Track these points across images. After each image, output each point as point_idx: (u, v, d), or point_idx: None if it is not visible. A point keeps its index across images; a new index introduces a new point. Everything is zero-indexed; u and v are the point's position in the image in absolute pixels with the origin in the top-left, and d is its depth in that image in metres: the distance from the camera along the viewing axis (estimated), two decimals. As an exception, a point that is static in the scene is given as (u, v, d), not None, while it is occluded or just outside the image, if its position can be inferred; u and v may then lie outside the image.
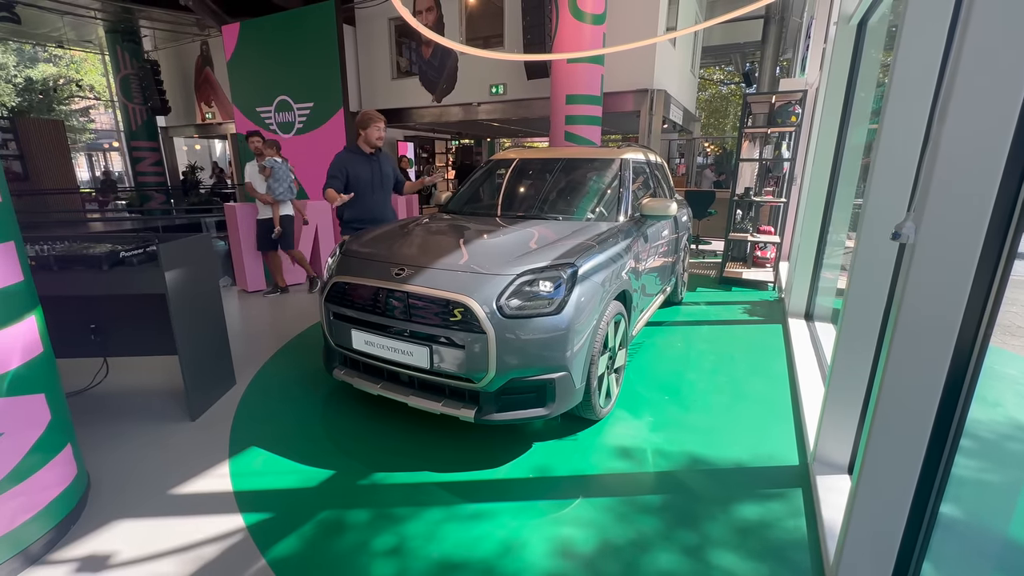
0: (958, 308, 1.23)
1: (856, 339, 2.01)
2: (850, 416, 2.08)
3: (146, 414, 2.70)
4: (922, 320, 1.27)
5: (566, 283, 2.18)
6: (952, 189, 1.18)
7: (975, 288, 1.20)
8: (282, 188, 5.01)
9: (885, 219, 1.86)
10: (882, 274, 1.91)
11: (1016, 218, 1.14)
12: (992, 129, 1.13)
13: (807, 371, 3.17)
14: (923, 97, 1.74)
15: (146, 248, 2.58)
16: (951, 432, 1.31)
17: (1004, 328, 3.14)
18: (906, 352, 1.30)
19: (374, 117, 3.43)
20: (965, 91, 1.13)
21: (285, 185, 5.05)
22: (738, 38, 12.49)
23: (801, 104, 5.23)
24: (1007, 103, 1.11)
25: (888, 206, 1.84)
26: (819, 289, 4.29)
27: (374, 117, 3.43)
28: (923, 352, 1.28)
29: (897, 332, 1.30)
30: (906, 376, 1.32)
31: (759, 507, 1.97)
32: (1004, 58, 1.09)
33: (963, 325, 1.23)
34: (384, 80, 9.85)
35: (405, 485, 2.11)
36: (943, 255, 1.22)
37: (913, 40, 1.72)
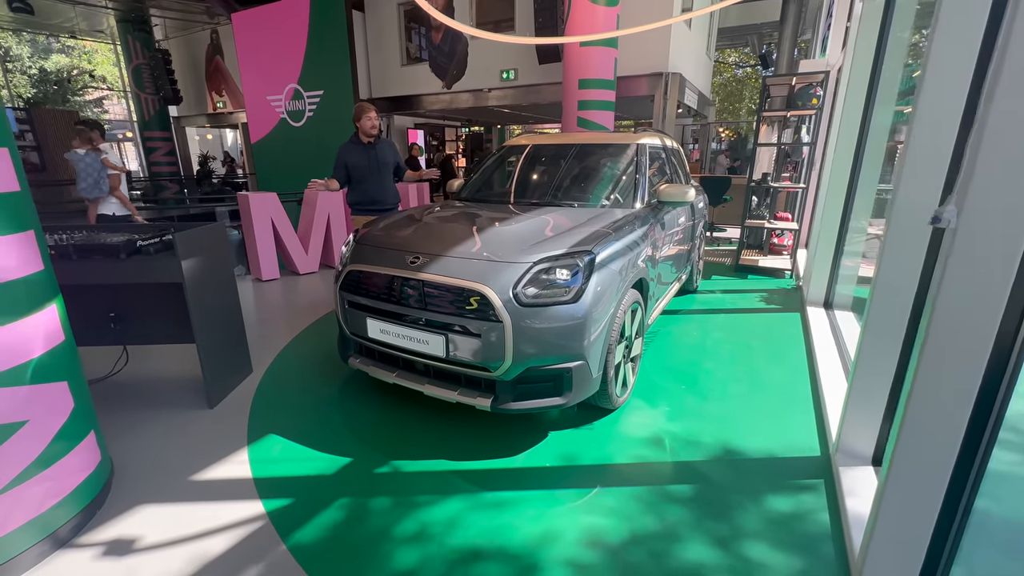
0: (1001, 296, 1.17)
1: (883, 328, 1.95)
2: (875, 407, 2.03)
3: (166, 402, 2.74)
4: (961, 309, 1.21)
5: (583, 271, 2.14)
6: (999, 172, 1.12)
7: (1020, 276, 1.15)
8: (86, 184, 4.32)
9: (917, 204, 1.79)
10: (912, 261, 1.84)
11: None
12: (1045, 106, 1.06)
13: (827, 360, 3.11)
14: (962, 74, 1.65)
15: (163, 237, 2.59)
16: (989, 425, 1.26)
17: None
18: (943, 341, 1.25)
19: (364, 108, 3.61)
20: (1018, 66, 1.07)
21: (90, 180, 4.38)
22: (755, 19, 12.13)
23: (823, 86, 5.06)
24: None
25: (921, 190, 1.77)
26: (839, 277, 4.20)
27: (364, 108, 3.61)
28: (961, 342, 1.23)
29: (934, 321, 1.25)
30: (942, 366, 1.27)
31: (783, 498, 1.95)
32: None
33: (1006, 314, 1.18)
34: (394, 67, 9.76)
35: (423, 473, 2.12)
36: (987, 241, 1.16)
37: (952, 14, 1.63)
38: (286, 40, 9.56)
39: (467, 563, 1.65)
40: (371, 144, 3.67)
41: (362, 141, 3.66)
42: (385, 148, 3.72)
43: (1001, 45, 1.10)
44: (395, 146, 3.89)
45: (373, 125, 3.62)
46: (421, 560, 1.66)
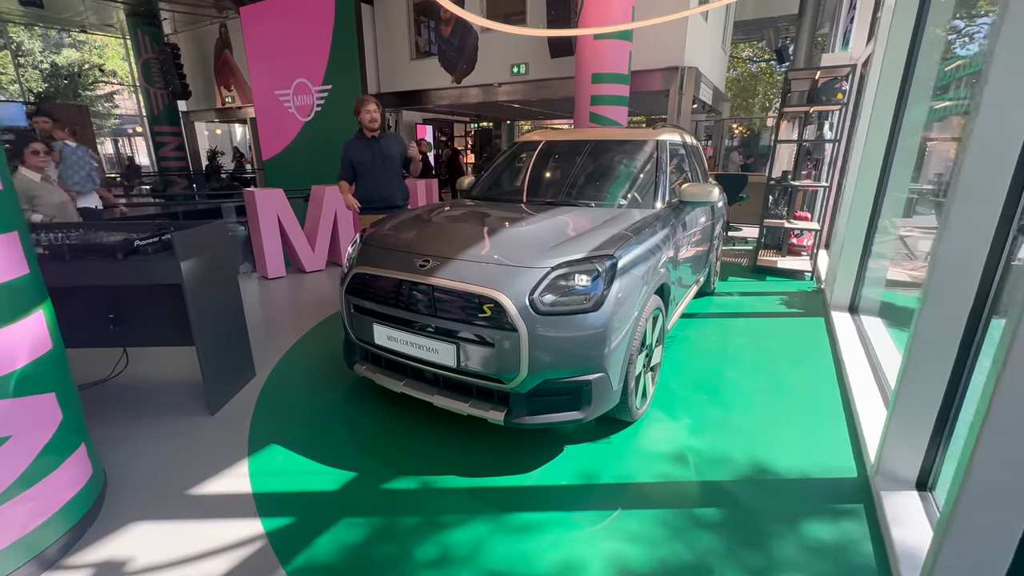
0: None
1: (933, 342, 1.79)
2: (921, 428, 1.87)
3: (165, 407, 2.64)
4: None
5: (605, 277, 2.00)
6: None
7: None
8: (78, 176, 4.44)
9: (977, 206, 1.63)
10: (969, 270, 1.68)
11: None
12: None
13: (857, 371, 2.95)
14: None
15: (161, 236, 2.48)
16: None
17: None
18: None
19: (364, 101, 3.50)
20: None
21: (83, 173, 4.51)
22: (772, 11, 11.83)
23: (848, 80, 4.85)
24: None
25: (982, 191, 1.61)
26: (865, 280, 4.01)
27: (364, 101, 3.50)
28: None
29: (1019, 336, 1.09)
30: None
31: (820, 524, 1.80)
32: None
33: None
34: (403, 61, 9.62)
35: (432, 490, 1.99)
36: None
37: None
38: (296, 34, 9.46)
39: (480, 595, 1.52)
40: (375, 138, 3.55)
41: (366, 135, 3.55)
42: (390, 141, 3.60)
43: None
44: (402, 139, 3.75)
45: (372, 118, 3.50)
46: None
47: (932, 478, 1.89)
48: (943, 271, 1.73)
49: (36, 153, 3.63)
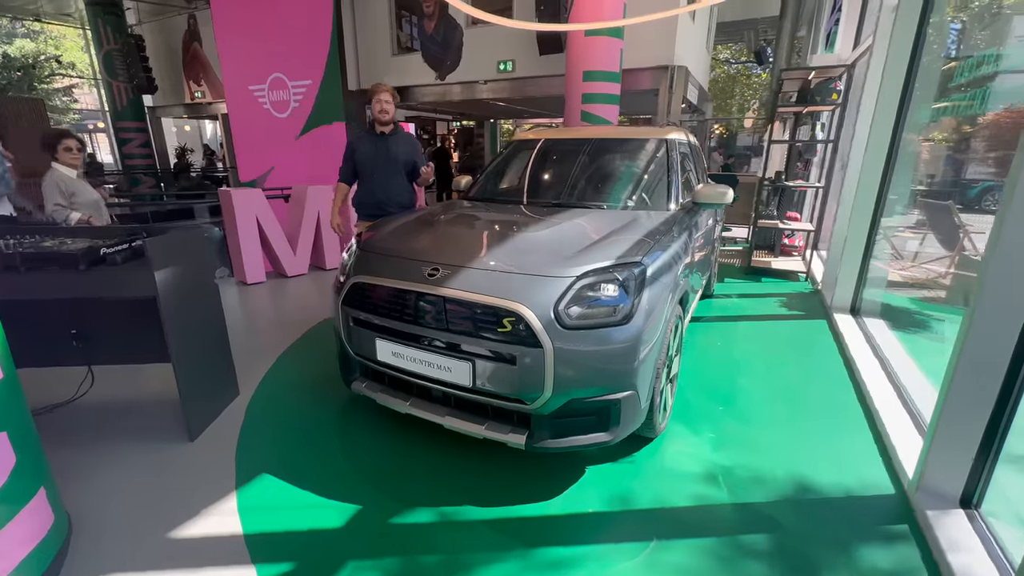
0: None
1: (982, 353, 1.70)
2: (967, 441, 1.78)
3: (138, 432, 2.37)
4: None
5: (634, 286, 1.84)
6: None
7: None
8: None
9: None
10: None
11: None
12: None
13: (873, 377, 2.88)
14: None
15: (131, 243, 2.21)
16: None
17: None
18: None
19: (375, 89, 3.09)
20: None
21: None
22: (753, 13, 11.95)
23: (842, 80, 4.84)
24: None
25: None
26: (867, 282, 3.98)
27: (375, 89, 3.09)
28: None
29: None
30: None
31: (870, 550, 1.68)
32: None
33: None
34: (384, 56, 9.31)
35: (448, 524, 1.80)
36: None
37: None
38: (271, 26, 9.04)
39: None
40: (383, 135, 3.16)
41: (375, 130, 3.16)
42: (399, 141, 3.19)
43: None
44: (415, 141, 3.37)
45: (383, 109, 3.06)
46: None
47: (978, 495, 1.80)
48: (996, 280, 1.63)
49: (69, 150, 3.35)
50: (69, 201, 3.33)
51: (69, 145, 3.33)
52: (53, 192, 3.26)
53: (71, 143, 3.34)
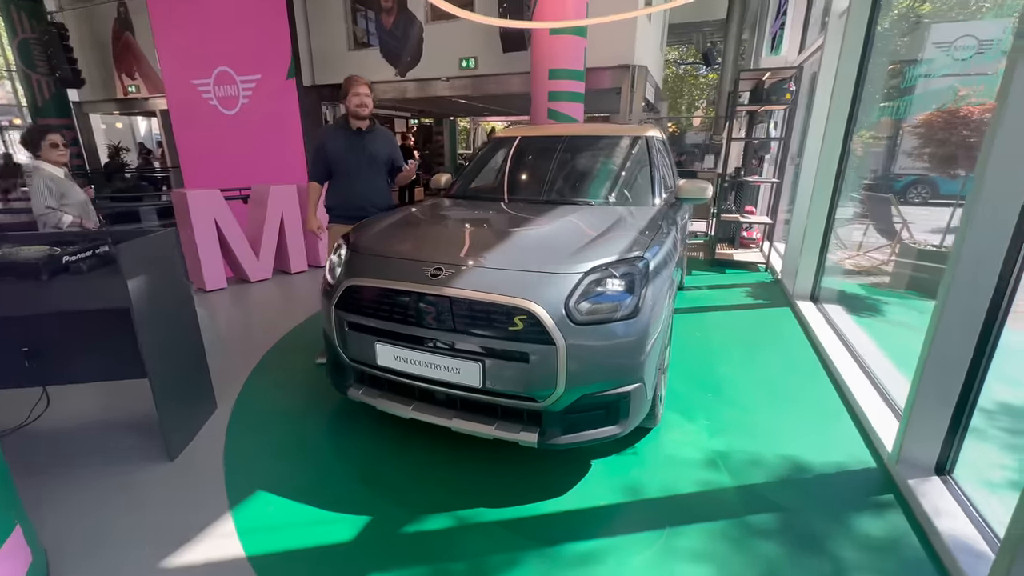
0: None
1: (954, 334, 1.85)
2: (941, 415, 1.94)
3: (110, 454, 2.18)
4: None
5: (639, 280, 1.87)
6: None
7: None
8: None
9: (997, 204, 1.69)
10: (992, 260, 1.73)
11: None
12: None
13: (841, 360, 3.07)
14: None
15: (96, 250, 2.03)
16: None
17: None
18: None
19: (352, 82, 2.83)
20: None
21: None
22: (702, 16, 12.44)
23: (795, 81, 5.13)
24: None
25: (1008, 180, 1.66)
26: (824, 270, 4.26)
27: (352, 82, 2.83)
28: None
29: None
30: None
31: (864, 520, 1.80)
32: None
33: None
34: (339, 51, 9.00)
35: (464, 528, 1.77)
36: None
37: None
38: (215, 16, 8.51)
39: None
40: (360, 131, 2.89)
41: (351, 126, 2.88)
42: (379, 137, 2.95)
43: None
44: (392, 138, 3.15)
45: (362, 103, 2.80)
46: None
47: (950, 463, 1.97)
48: (962, 278, 1.78)
49: (55, 146, 3.09)
50: (60, 203, 3.06)
51: (54, 141, 3.06)
52: (43, 194, 2.98)
53: (56, 139, 3.07)
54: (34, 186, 3.00)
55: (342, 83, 2.89)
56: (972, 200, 1.74)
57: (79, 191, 3.26)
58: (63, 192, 3.09)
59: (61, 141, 3.11)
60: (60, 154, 3.11)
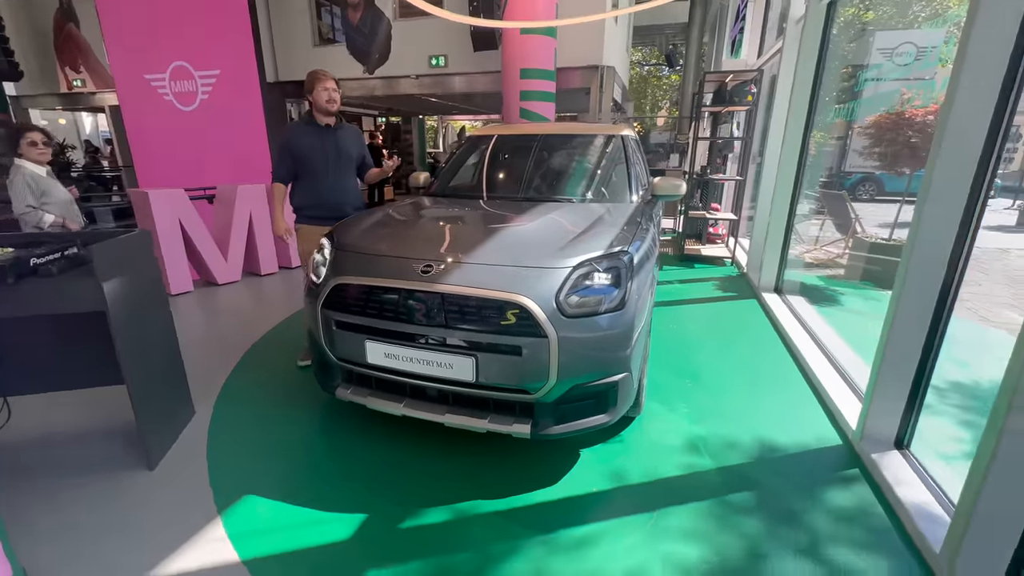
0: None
1: (909, 322, 2.00)
2: (899, 394, 2.10)
3: (85, 465, 2.08)
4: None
5: (624, 273, 1.95)
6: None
7: None
8: None
9: (945, 200, 1.84)
10: (941, 246, 1.89)
11: None
12: None
13: (806, 347, 3.26)
14: (995, 73, 1.70)
15: (64, 252, 1.94)
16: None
17: None
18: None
19: (318, 76, 2.75)
20: None
21: None
22: (665, 19, 12.80)
23: (756, 83, 5.38)
24: None
25: (952, 180, 1.82)
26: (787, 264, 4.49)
27: (318, 76, 2.75)
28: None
29: None
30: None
31: (834, 493, 1.94)
32: None
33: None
34: (304, 47, 8.77)
35: (463, 520, 1.80)
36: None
37: (988, 16, 1.67)
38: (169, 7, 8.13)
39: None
40: (329, 127, 2.82)
41: (318, 122, 2.80)
42: (348, 135, 2.90)
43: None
44: (360, 134, 3.12)
45: (332, 98, 2.74)
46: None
47: (908, 438, 2.13)
48: (919, 259, 1.93)
49: (35, 144, 3.06)
50: (40, 201, 3.05)
51: (34, 139, 3.03)
52: (24, 192, 2.97)
53: (36, 136, 3.04)
54: (15, 185, 2.96)
55: (305, 78, 2.81)
56: (922, 198, 1.90)
57: (62, 190, 3.20)
58: (44, 190, 3.05)
59: (41, 139, 3.06)
60: (40, 152, 3.06)
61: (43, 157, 3.09)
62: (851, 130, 9.30)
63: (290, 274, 5.30)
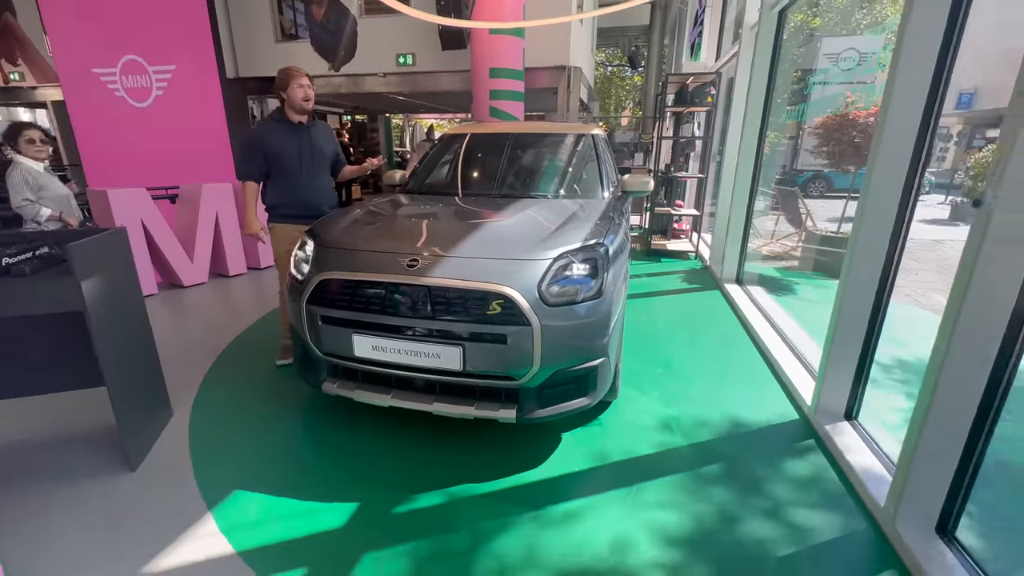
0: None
1: (854, 306, 2.21)
2: (847, 372, 2.32)
3: (62, 469, 2.03)
4: (996, 270, 1.39)
5: (601, 264, 2.07)
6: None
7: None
8: None
9: (883, 197, 2.05)
10: (880, 238, 2.10)
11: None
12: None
13: (765, 333, 3.50)
14: (922, 82, 1.91)
15: (36, 252, 1.90)
16: (1002, 385, 1.48)
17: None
18: (980, 302, 1.42)
19: (292, 73, 2.70)
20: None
21: None
22: (627, 21, 13.13)
23: (715, 85, 5.65)
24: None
25: (889, 178, 2.02)
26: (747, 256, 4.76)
27: (292, 73, 2.70)
28: (996, 298, 1.40)
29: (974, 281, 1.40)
30: (975, 325, 1.45)
31: (793, 462, 2.12)
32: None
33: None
34: (265, 43, 8.55)
35: (453, 503, 1.87)
36: (1016, 217, 1.34)
37: (918, 24, 1.87)
38: (118, 0, 7.76)
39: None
40: (302, 124, 2.79)
41: (291, 120, 2.76)
42: (321, 132, 2.88)
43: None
44: (332, 132, 3.10)
45: (307, 97, 2.70)
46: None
47: (856, 410, 2.35)
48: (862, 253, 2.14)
49: (32, 142, 3.23)
50: (37, 196, 3.22)
51: (32, 136, 3.21)
52: (21, 187, 3.15)
53: (33, 134, 3.23)
54: (12, 179, 3.13)
55: (277, 75, 2.75)
56: (863, 195, 2.11)
57: (60, 185, 3.36)
58: (42, 185, 3.21)
59: (39, 137, 3.24)
60: (38, 149, 3.24)
61: (40, 154, 3.26)
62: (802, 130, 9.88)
63: (259, 275, 5.20)
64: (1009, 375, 1.47)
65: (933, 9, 1.84)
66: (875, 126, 2.09)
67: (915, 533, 1.65)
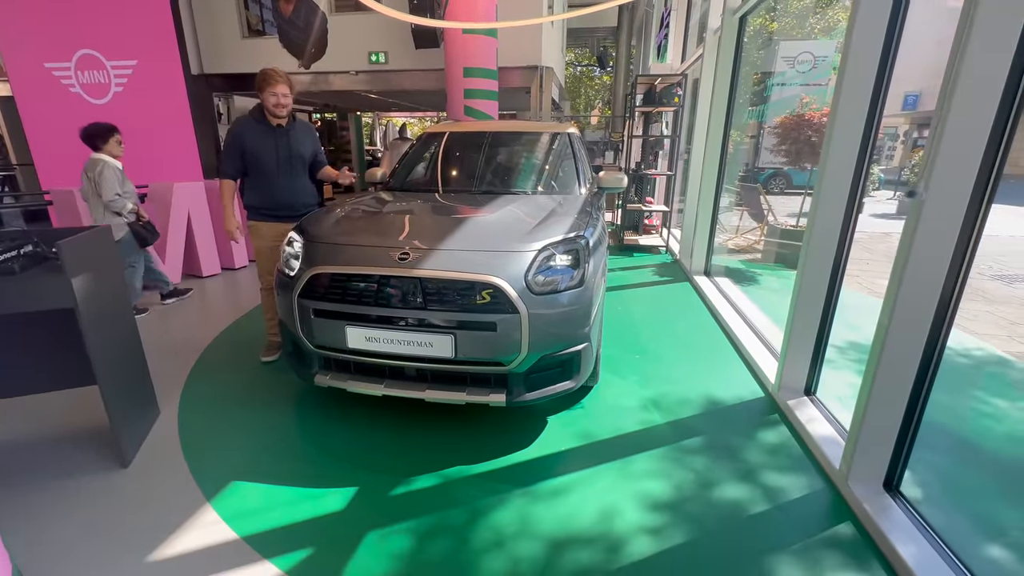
0: (949, 246, 1.57)
1: (811, 290, 2.42)
2: (806, 352, 2.53)
3: (54, 468, 2.02)
4: (927, 255, 1.59)
5: (583, 255, 2.20)
6: (951, 158, 1.50)
7: (963, 232, 1.56)
8: None
9: (835, 192, 2.26)
10: (832, 231, 2.31)
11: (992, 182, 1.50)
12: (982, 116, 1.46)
13: (732, 320, 3.72)
14: (867, 82, 2.12)
15: (21, 250, 1.89)
16: (934, 357, 1.68)
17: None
18: (914, 284, 1.62)
19: (269, 78, 2.67)
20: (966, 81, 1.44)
21: None
22: (596, 23, 13.40)
23: (682, 86, 5.90)
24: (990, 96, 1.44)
25: (838, 175, 2.23)
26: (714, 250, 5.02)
27: (269, 78, 2.67)
28: (928, 280, 1.61)
29: (906, 274, 1.62)
30: (911, 306, 1.65)
31: (763, 433, 2.32)
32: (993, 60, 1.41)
33: (952, 259, 1.59)
34: (231, 39, 8.36)
35: (449, 483, 1.97)
36: (944, 207, 1.54)
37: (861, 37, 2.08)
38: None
39: (557, 556, 1.61)
40: (281, 126, 2.80)
41: (269, 122, 2.77)
42: (300, 133, 2.88)
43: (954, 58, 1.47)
44: (313, 129, 3.09)
45: (279, 103, 2.70)
46: (510, 562, 1.57)
47: (814, 386, 2.57)
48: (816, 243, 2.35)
49: (120, 143, 3.68)
50: (123, 190, 3.57)
51: (120, 139, 3.65)
52: (113, 183, 3.50)
53: (120, 136, 3.65)
54: (105, 175, 3.47)
55: (257, 74, 2.76)
56: (817, 191, 2.31)
57: (131, 183, 3.74)
58: (124, 181, 3.61)
59: (121, 138, 3.67)
60: (121, 149, 3.66)
61: (121, 153, 3.67)
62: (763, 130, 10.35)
63: (234, 275, 5.13)
64: (940, 348, 1.68)
65: (875, 16, 2.05)
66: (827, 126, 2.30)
67: (865, 489, 1.85)
